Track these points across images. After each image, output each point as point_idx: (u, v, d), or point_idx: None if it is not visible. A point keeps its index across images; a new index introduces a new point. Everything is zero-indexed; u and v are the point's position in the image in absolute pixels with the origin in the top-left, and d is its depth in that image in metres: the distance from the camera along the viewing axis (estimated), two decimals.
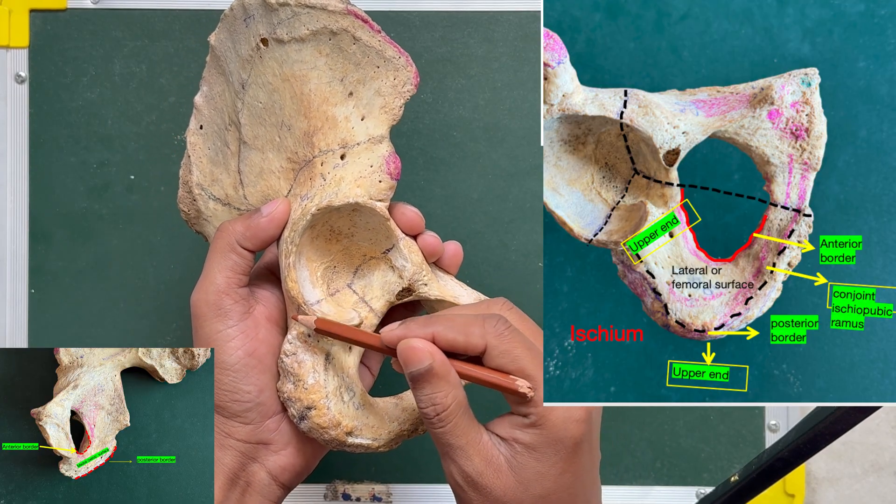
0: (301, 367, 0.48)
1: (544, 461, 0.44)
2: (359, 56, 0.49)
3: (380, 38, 0.49)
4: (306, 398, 0.48)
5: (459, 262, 0.52)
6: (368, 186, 0.49)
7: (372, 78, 0.49)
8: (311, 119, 0.49)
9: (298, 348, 0.49)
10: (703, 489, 0.64)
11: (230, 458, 0.49)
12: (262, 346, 0.49)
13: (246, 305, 0.49)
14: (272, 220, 0.49)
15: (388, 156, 0.49)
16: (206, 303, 0.49)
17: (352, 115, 0.49)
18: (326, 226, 0.50)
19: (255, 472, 0.49)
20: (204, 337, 0.49)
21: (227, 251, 0.49)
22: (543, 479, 0.44)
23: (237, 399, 0.48)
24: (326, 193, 0.48)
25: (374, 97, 0.49)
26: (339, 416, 0.49)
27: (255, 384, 0.49)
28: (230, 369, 0.48)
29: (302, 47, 0.48)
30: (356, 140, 0.49)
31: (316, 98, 0.49)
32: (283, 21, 0.48)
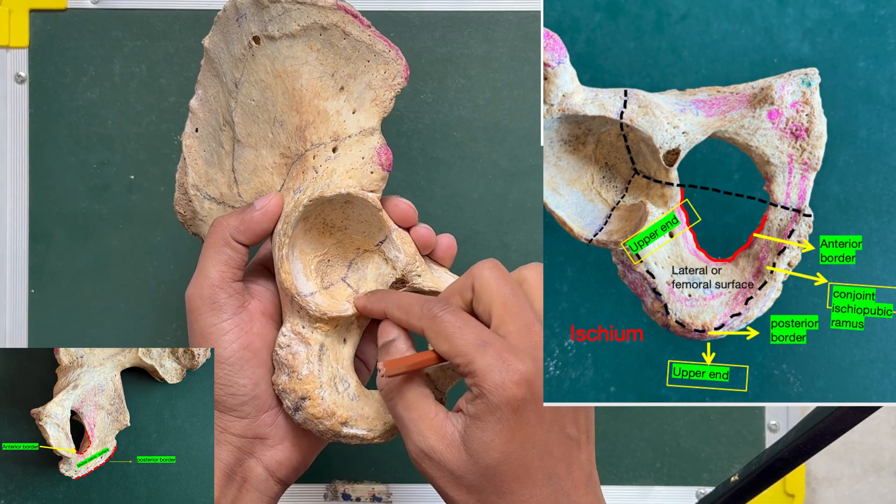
0: (295, 359, 0.49)
1: (488, 430, 0.43)
2: (349, 51, 0.49)
3: (370, 32, 0.49)
4: (301, 389, 0.48)
5: (453, 254, 0.52)
6: (360, 177, 0.49)
7: (363, 72, 0.49)
8: (303, 113, 0.49)
9: (293, 340, 0.49)
10: (703, 489, 0.64)
11: (226, 453, 0.49)
12: (256, 340, 0.49)
13: (240, 299, 0.49)
14: (265, 213, 0.49)
15: (379, 147, 0.49)
16: (201, 297, 0.49)
17: (343, 108, 0.50)
18: (319, 218, 0.50)
19: (252, 468, 0.49)
20: (199, 331, 0.49)
21: (221, 245, 0.49)
22: (490, 448, 0.43)
23: (233, 393, 0.49)
24: (318, 185, 0.49)
25: (365, 90, 0.49)
26: (333, 406, 0.49)
27: (251, 377, 0.49)
28: (225, 363, 0.48)
29: (293, 43, 0.49)
30: (347, 133, 0.49)
31: (307, 93, 0.49)
32: (275, 18, 0.49)
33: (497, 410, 0.43)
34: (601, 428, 0.63)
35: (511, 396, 0.43)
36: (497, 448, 0.43)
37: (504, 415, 0.43)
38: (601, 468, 0.63)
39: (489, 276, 0.46)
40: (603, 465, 0.64)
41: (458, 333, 0.44)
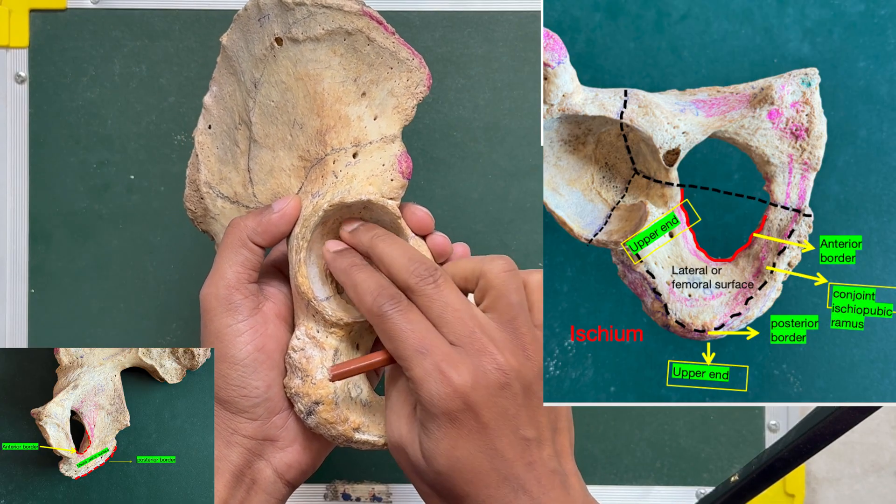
0: (309, 363, 0.49)
1: (432, 437, 0.44)
2: (373, 57, 0.49)
3: (394, 39, 0.49)
4: (314, 393, 0.48)
5: None
6: (380, 184, 0.49)
7: (385, 79, 0.49)
8: (324, 118, 0.49)
9: (307, 344, 0.49)
10: (703, 489, 0.64)
11: (236, 454, 0.49)
12: (270, 342, 0.49)
13: (255, 301, 0.49)
14: (283, 216, 0.49)
15: (400, 155, 0.49)
16: (216, 297, 0.49)
17: (364, 114, 0.50)
18: (337, 224, 0.50)
19: (261, 470, 0.49)
20: (213, 331, 0.49)
21: (238, 246, 0.49)
22: (436, 454, 0.44)
23: (246, 394, 0.49)
24: (338, 191, 0.49)
25: (387, 97, 0.49)
26: (346, 411, 0.49)
27: (264, 379, 0.49)
28: (239, 364, 0.48)
29: (317, 47, 0.49)
30: (368, 139, 0.49)
31: (329, 97, 0.49)
32: (299, 20, 0.48)
33: (435, 419, 0.44)
34: (601, 428, 0.63)
35: (445, 408, 0.43)
36: (442, 454, 0.44)
37: (442, 423, 0.44)
38: (601, 468, 0.63)
39: (500, 280, 0.46)
40: (603, 465, 0.64)
41: (401, 336, 0.45)
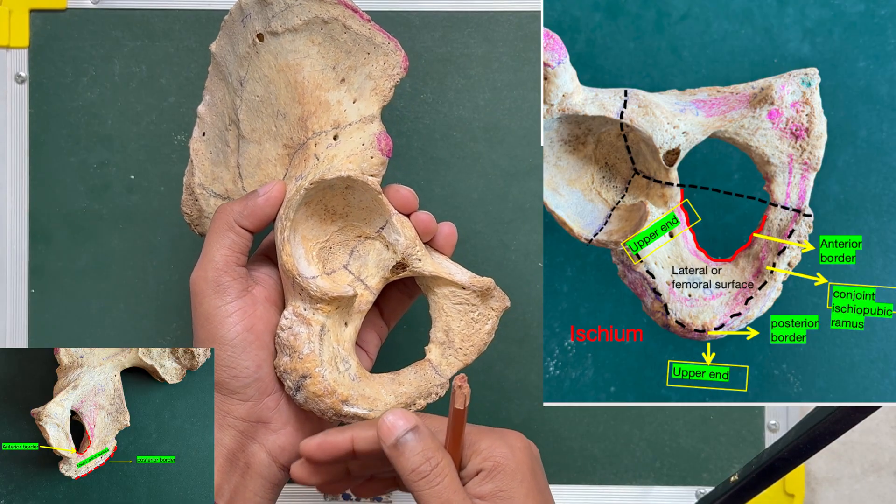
0: (297, 340, 0.49)
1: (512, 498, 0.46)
2: (350, 44, 0.50)
3: (369, 26, 0.51)
4: (301, 367, 0.49)
5: (454, 242, 0.52)
6: (360, 162, 0.50)
7: (363, 63, 0.51)
8: (305, 104, 0.51)
9: (294, 322, 0.50)
10: (703, 489, 0.64)
11: (229, 437, 0.49)
12: (259, 323, 0.50)
13: (244, 283, 0.50)
14: (268, 199, 0.50)
15: (379, 134, 0.50)
16: (205, 280, 0.49)
17: (344, 98, 0.51)
18: (321, 204, 0.51)
19: (255, 453, 0.50)
20: (203, 314, 0.49)
21: (224, 230, 0.50)
22: None
23: (236, 375, 0.49)
24: (320, 171, 0.50)
25: (366, 81, 0.51)
26: (334, 384, 0.49)
27: (254, 360, 0.49)
28: (228, 344, 0.49)
29: (295, 37, 0.50)
30: (348, 120, 0.51)
31: (309, 85, 0.51)
32: (277, 14, 0.50)
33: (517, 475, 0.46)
34: (601, 428, 0.63)
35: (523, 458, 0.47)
36: None
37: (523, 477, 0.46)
38: (601, 468, 0.64)
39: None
40: (603, 465, 0.64)
41: None
